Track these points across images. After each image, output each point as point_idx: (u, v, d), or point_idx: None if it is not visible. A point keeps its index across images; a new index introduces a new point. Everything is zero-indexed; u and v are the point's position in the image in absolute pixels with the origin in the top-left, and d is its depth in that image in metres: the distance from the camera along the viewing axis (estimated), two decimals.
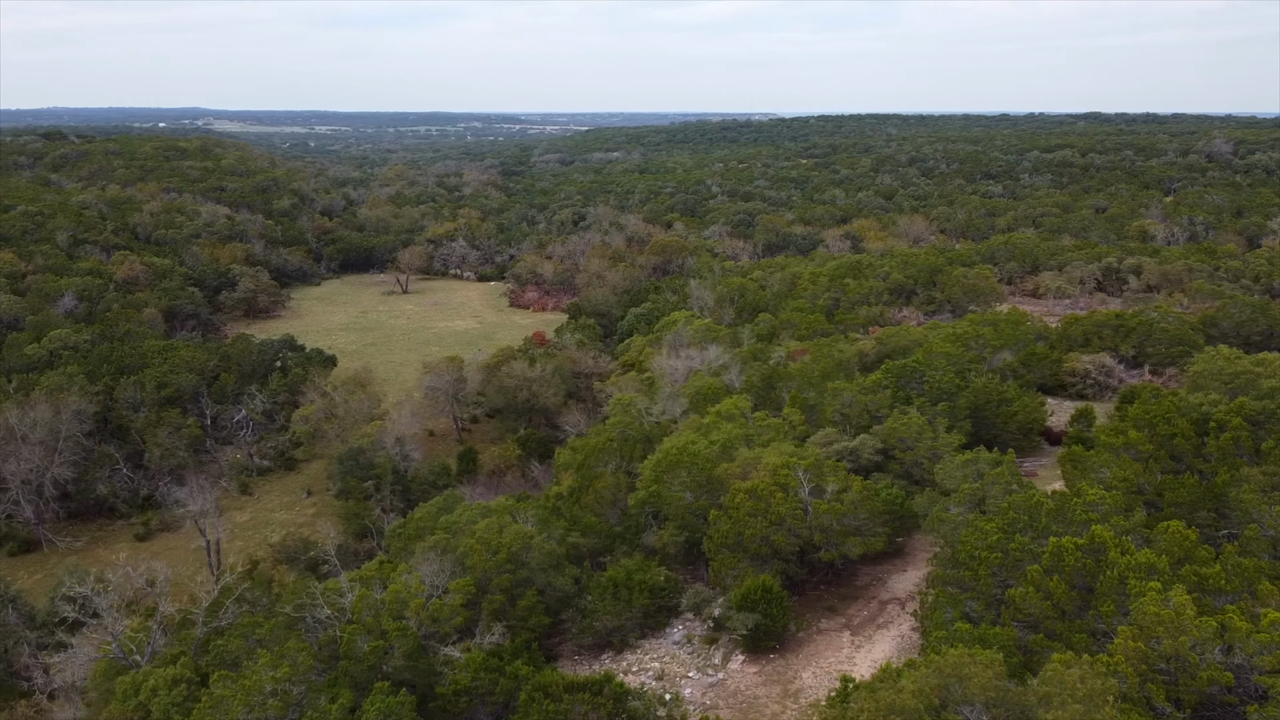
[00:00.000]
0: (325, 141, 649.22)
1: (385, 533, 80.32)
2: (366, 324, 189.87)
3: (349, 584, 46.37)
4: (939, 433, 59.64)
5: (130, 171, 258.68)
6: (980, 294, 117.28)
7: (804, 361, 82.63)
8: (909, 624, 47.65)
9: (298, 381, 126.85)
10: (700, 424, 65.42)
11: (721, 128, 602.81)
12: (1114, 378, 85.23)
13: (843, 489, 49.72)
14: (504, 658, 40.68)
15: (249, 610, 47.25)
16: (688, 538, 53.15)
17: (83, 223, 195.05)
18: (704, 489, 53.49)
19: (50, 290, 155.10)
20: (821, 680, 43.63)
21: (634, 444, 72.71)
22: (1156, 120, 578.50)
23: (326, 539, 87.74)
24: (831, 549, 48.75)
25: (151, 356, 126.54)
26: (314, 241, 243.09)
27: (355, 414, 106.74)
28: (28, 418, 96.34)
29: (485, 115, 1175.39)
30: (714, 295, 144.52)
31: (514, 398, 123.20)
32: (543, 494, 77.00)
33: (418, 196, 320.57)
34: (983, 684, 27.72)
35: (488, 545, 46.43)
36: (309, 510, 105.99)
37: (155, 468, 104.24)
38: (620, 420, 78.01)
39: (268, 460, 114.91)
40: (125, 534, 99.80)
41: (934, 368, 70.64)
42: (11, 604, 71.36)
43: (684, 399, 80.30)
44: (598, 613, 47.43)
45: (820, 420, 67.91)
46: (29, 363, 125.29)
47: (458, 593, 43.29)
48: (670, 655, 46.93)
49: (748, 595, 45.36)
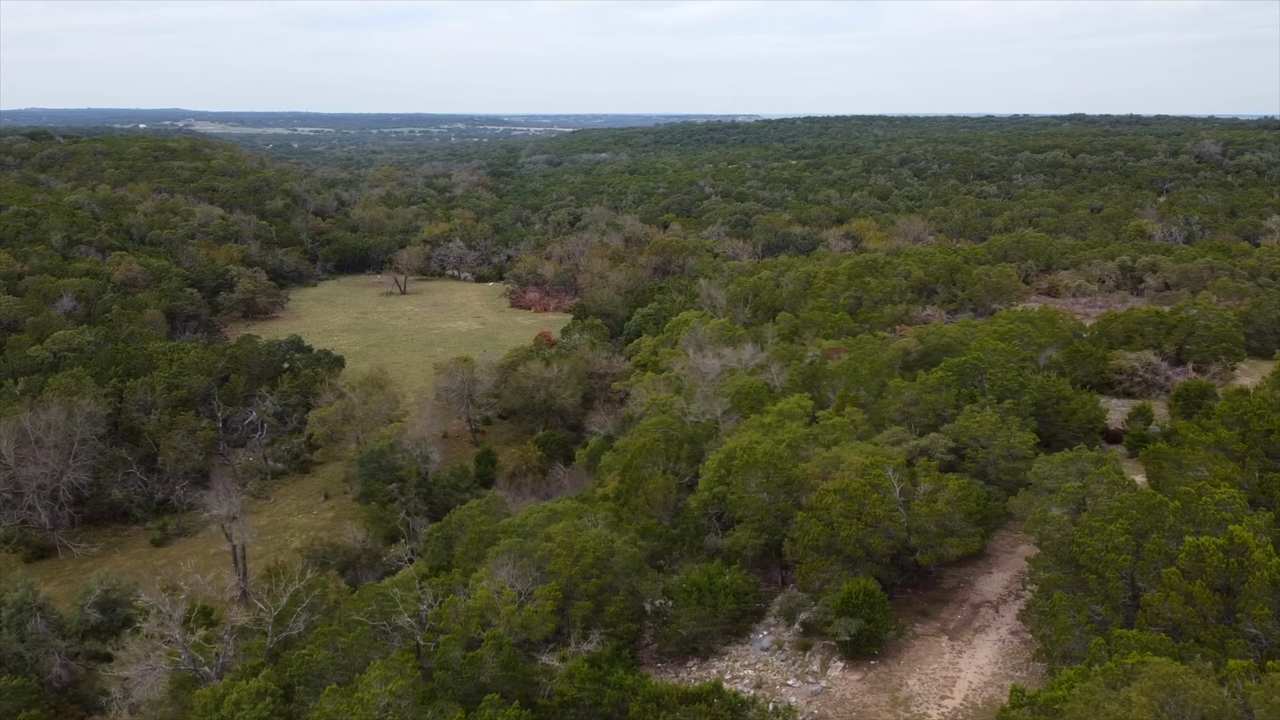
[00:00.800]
0: (309, 143, 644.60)
1: (422, 536, 78.14)
2: (367, 325, 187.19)
3: (425, 589, 44.17)
4: (1013, 431, 58.04)
5: (120, 172, 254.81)
6: (1003, 292, 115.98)
7: (845, 360, 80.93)
8: (1007, 628, 45.99)
9: (308, 383, 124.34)
10: (762, 423, 63.55)
11: (708, 129, 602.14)
12: (1160, 375, 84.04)
13: (937, 489, 47.95)
14: (602, 666, 38.69)
15: (322, 619, 44.93)
16: (767, 540, 51.21)
17: (76, 223, 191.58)
18: (781, 490, 51.58)
19: (48, 291, 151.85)
20: (929, 687, 41.88)
21: (679, 445, 70.86)
22: (1140, 121, 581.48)
23: (354, 542, 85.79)
24: (928, 551, 46.97)
25: (159, 358, 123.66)
26: (309, 242, 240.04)
27: (375, 416, 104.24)
28: (41, 421, 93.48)
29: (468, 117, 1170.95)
30: (726, 295, 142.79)
31: (530, 398, 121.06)
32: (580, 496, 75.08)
33: (409, 197, 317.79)
34: (1203, 696, 25.96)
35: (570, 549, 44.39)
36: (328, 514, 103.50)
37: (170, 471, 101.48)
38: (661, 421, 76.05)
39: (281, 463, 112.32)
40: (141, 539, 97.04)
41: (996, 365, 69.09)
42: (40, 611, 68.75)
43: (724, 399, 78.45)
44: (681, 618, 45.48)
45: (877, 419, 66.19)
46: (33, 365, 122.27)
47: (546, 599, 41.22)
48: (762, 662, 45.04)
49: (849, 600, 43.49)
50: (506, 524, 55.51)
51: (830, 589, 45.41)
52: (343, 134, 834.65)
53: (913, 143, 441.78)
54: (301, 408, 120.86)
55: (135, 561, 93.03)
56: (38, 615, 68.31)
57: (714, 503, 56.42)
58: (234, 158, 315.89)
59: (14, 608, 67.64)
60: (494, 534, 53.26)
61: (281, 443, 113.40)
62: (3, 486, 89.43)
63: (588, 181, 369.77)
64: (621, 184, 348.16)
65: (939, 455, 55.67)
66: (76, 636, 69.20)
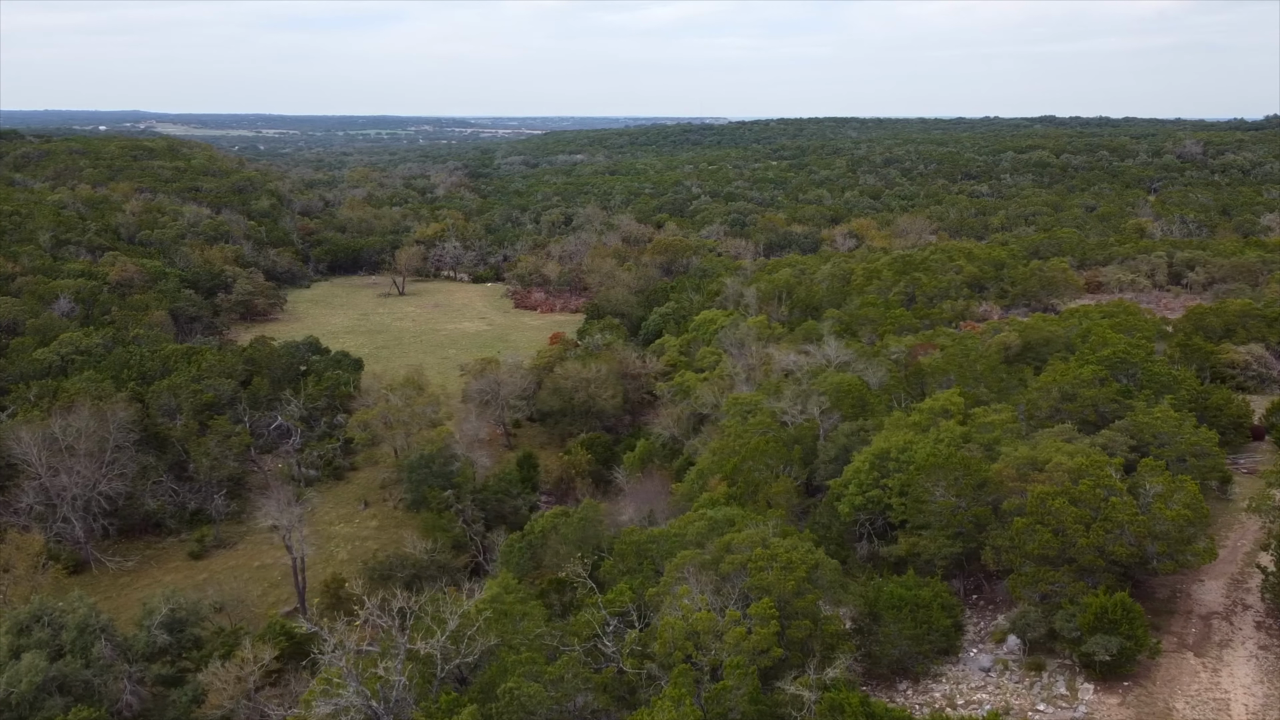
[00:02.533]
0: (275, 145, 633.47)
1: (501, 547, 73.21)
2: (370, 326, 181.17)
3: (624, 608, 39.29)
4: (1190, 427, 54.31)
5: (99, 171, 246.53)
6: (1056, 287, 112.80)
7: (943, 355, 77.11)
8: (1253, 641, 42.10)
9: (333, 386, 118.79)
10: (911, 422, 59.34)
11: (683, 130, 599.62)
12: (1272, 369, 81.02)
13: (1170, 491, 43.89)
14: (840, 691, 34.25)
15: (505, 648, 39.71)
16: (962, 548, 46.94)
17: (63, 223, 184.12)
18: (974, 494, 47.33)
19: (44, 292, 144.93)
20: (1202, 712, 37.61)
21: (788, 445, 66.72)
22: (1111, 123, 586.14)
23: (420, 552, 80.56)
24: (1168, 559, 42.90)
25: (174, 361, 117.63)
26: (299, 243, 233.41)
27: (419, 419, 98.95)
28: (72, 428, 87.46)
29: (435, 119, 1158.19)
30: (757, 292, 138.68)
31: (569, 400, 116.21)
32: (679, 498, 70.71)
33: (391, 198, 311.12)
34: None
35: (779, 561, 39.70)
36: (370, 523, 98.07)
37: (204, 479, 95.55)
38: (759, 421, 71.88)
39: (314, 469, 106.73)
40: (178, 552, 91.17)
41: (1141, 360, 65.39)
42: (104, 633, 63.14)
43: (819, 397, 74.31)
44: (892, 636, 41.17)
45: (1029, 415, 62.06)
46: (41, 368, 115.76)
47: (764, 618, 36.59)
48: (993, 684, 40.80)
49: (1103, 615, 39.25)
50: (660, 533, 50.73)
51: (1064, 602, 41.09)
52: (309, 136, 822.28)
53: (892, 143, 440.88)
54: (330, 411, 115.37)
55: (175, 576, 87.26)
56: (102, 637, 62.76)
57: (868, 507, 52.17)
58: (212, 158, 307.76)
59: (77, 629, 62.15)
60: (659, 546, 48.23)
61: (312, 448, 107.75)
62: (35, 498, 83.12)
63: (570, 182, 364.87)
64: (605, 184, 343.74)
65: (1120, 453, 51.73)
66: (144, 660, 63.54)
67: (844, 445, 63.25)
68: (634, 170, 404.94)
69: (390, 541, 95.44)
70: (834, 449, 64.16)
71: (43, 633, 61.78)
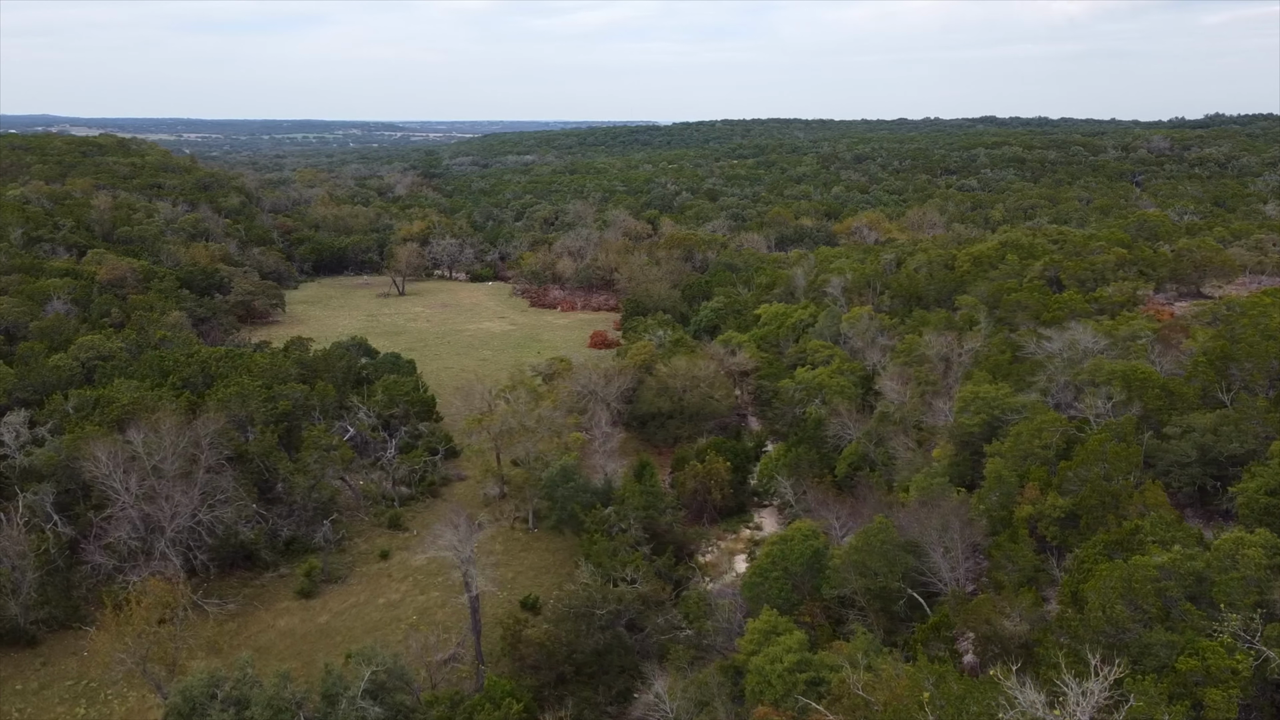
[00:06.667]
0: (199, 149, 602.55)
1: (744, 577, 60.36)
2: (383, 328, 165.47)
3: None
4: None
5: (49, 168, 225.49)
6: (1212, 269, 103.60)
7: (1239, 338, 66.60)
8: None
9: (409, 390, 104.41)
10: None
11: (630, 131, 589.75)
12: None
13: None
14: None
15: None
16: None
17: (31, 219, 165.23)
18: None
19: (34, 292, 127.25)
20: None
21: (1122, 442, 55.28)
22: (1050, 123, 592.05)
23: (632, 589, 66.78)
24: None
25: (215, 365, 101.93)
26: (280, 241, 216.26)
27: (548, 424, 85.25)
28: (158, 445, 72.15)
29: (363, 123, 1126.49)
30: (846, 283, 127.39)
31: (679, 401, 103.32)
32: (965, 511, 58.64)
33: (350, 197, 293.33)
34: None
35: None
36: (496, 547, 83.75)
37: (301, 502, 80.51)
38: (1048, 419, 60.38)
39: (406, 486, 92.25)
40: (281, 590, 75.90)
41: None
42: (300, 709, 48.63)
43: (1099, 389, 63.09)
44: None
45: None
46: (63, 377, 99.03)
47: None
48: None
49: None
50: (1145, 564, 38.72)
51: None
52: (233, 140, 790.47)
53: (852, 141, 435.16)
54: (409, 419, 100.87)
55: (289, 620, 72.31)
56: (300, 715, 48.28)
57: None
58: (166, 155, 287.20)
59: (267, 707, 47.51)
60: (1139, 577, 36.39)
61: (402, 461, 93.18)
62: (130, 532, 67.53)
63: (534, 181, 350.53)
64: (570, 183, 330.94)
65: None
66: None
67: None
68: (593, 170, 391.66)
69: (528, 568, 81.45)
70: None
71: (225, 714, 47.11)
